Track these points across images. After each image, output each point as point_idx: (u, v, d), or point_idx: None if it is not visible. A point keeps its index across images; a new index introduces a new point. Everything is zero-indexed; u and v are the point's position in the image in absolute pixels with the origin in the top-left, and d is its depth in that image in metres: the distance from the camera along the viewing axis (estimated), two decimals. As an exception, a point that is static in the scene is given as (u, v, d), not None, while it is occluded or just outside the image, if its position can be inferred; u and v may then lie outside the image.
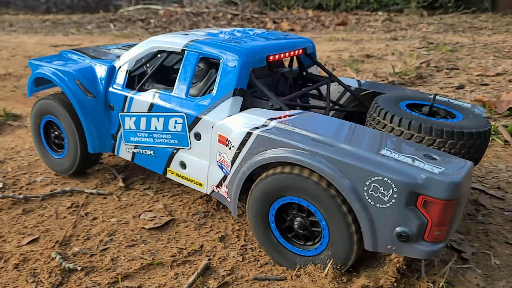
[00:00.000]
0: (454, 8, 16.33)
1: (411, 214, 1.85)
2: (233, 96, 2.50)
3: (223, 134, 2.43)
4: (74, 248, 2.55)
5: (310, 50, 3.13)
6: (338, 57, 8.18)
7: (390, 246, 1.94)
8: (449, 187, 1.77)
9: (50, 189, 3.24)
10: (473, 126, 2.24)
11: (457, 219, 2.02)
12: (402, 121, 2.20)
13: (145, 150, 2.94)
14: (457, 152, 2.17)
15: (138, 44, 3.09)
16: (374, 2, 17.55)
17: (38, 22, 13.93)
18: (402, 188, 1.82)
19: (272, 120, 2.29)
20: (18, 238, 2.66)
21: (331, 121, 2.40)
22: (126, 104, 2.94)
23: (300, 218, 2.20)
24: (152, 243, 2.61)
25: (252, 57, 2.57)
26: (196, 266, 2.40)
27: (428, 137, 2.15)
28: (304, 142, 2.08)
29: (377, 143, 2.06)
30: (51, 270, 2.34)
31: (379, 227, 1.93)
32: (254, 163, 2.23)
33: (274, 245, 2.33)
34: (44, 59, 3.42)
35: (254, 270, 2.37)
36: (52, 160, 3.44)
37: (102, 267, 2.39)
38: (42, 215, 2.92)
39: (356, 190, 1.92)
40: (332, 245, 2.11)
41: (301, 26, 13.39)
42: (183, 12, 14.13)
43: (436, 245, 1.88)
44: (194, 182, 2.73)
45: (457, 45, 9.14)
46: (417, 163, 1.88)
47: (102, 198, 3.13)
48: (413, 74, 6.44)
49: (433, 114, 2.45)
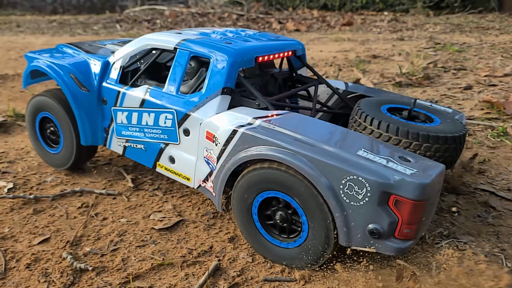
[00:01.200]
0: (461, 8, 16.22)
1: (383, 212, 1.95)
2: (221, 95, 2.59)
3: (211, 131, 2.52)
4: (85, 248, 2.57)
5: (300, 52, 3.20)
6: (344, 57, 8.16)
7: (362, 242, 2.05)
8: (419, 188, 1.87)
9: (60, 189, 3.27)
10: (448, 131, 2.34)
11: (428, 218, 2.11)
12: (381, 124, 2.31)
13: (136, 144, 3.02)
14: (432, 155, 2.27)
15: (133, 41, 3.16)
16: (380, 2, 17.48)
17: (45, 22, 14.03)
18: (375, 188, 1.92)
19: (257, 119, 2.39)
20: (29, 238, 2.68)
21: (313, 122, 2.47)
22: (118, 99, 3.02)
23: (281, 212, 2.30)
24: (162, 244, 2.62)
25: (241, 58, 2.66)
26: (206, 266, 2.41)
27: (405, 140, 2.25)
28: (286, 141, 2.17)
29: (355, 144, 2.16)
30: (62, 270, 2.36)
31: (353, 223, 2.03)
32: (239, 160, 2.32)
33: (257, 237, 2.43)
34: (40, 52, 3.50)
35: (264, 271, 2.37)
36: (48, 156, 3.52)
37: (113, 267, 2.41)
38: (52, 215, 2.94)
39: (333, 188, 2.02)
40: (310, 239, 2.21)
41: (307, 27, 13.37)
42: (188, 12, 14.16)
43: (405, 242, 2.00)
44: (182, 176, 2.82)
45: (464, 45, 9.09)
46: (391, 164, 1.98)
47: (111, 199, 3.15)
48: (421, 75, 6.41)
49: (413, 118, 2.56)
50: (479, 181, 3.34)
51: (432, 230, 2.72)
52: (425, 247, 2.54)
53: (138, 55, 3.13)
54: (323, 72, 7.04)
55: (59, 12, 19.08)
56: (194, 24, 13.08)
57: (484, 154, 3.87)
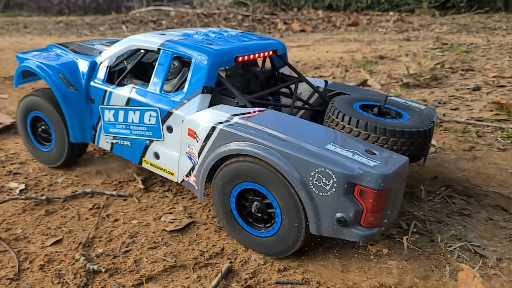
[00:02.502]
0: (467, 8, 16.12)
1: (349, 202, 2.09)
2: (202, 93, 2.72)
3: (192, 128, 2.65)
4: (97, 250, 2.58)
5: (281, 52, 3.31)
6: (351, 58, 8.14)
7: (331, 230, 2.17)
8: (381, 179, 2.01)
9: (71, 190, 3.29)
10: (414, 126, 2.48)
11: (394, 207, 2.23)
12: (351, 120, 2.47)
13: (122, 141, 3.15)
14: (399, 149, 2.42)
15: (119, 41, 3.28)
16: (385, 2, 17.41)
17: (52, 23, 14.12)
18: (341, 179, 2.06)
19: (234, 116, 2.53)
20: (42, 239, 2.70)
21: (288, 118, 2.60)
22: (105, 98, 3.14)
23: (257, 203, 2.43)
24: (174, 245, 2.63)
25: (220, 58, 2.78)
26: (218, 269, 2.41)
27: (373, 134, 2.41)
28: (260, 137, 2.31)
29: (325, 139, 2.31)
30: (76, 271, 2.38)
31: (322, 213, 2.16)
32: (218, 155, 2.45)
33: (235, 226, 2.57)
34: (30, 53, 3.62)
35: (276, 273, 2.37)
36: (41, 153, 3.63)
37: (125, 269, 2.42)
38: (64, 216, 2.96)
39: (303, 180, 2.15)
40: (283, 228, 2.34)
41: (312, 27, 13.35)
42: (194, 13, 14.19)
43: (371, 229, 2.13)
44: (166, 171, 2.94)
45: (472, 45, 9.03)
46: (356, 157, 2.13)
47: (122, 200, 3.16)
48: (428, 76, 6.38)
49: (383, 114, 2.71)
50: (490, 183, 3.32)
51: (444, 233, 2.71)
52: (438, 250, 2.53)
53: (124, 56, 3.24)
54: (329, 73, 7.03)
55: (65, 13, 19.19)
56: (200, 24, 13.10)
57: (494, 156, 3.85)
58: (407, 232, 2.70)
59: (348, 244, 2.60)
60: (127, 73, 3.15)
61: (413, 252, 2.52)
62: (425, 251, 2.52)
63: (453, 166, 3.64)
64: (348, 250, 2.55)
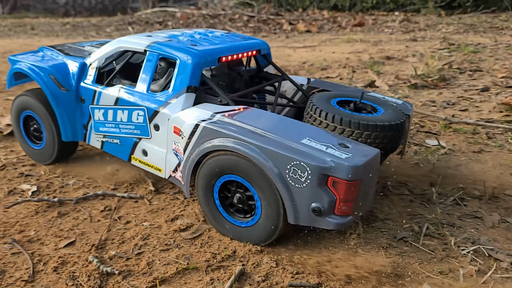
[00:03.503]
0: (473, 8, 16.00)
1: (323, 192, 2.22)
2: (186, 93, 2.84)
3: (177, 126, 2.76)
4: (110, 252, 2.60)
5: (265, 51, 3.44)
6: (357, 59, 8.11)
7: (307, 219, 2.30)
8: (352, 170, 2.14)
9: (82, 192, 3.31)
10: (387, 120, 2.61)
11: (366, 197, 2.34)
12: (327, 116, 2.59)
13: (112, 139, 3.27)
14: (372, 142, 2.53)
15: (108, 43, 3.40)
16: (391, 2, 17.32)
17: (59, 25, 14.20)
18: (315, 171, 2.18)
19: (217, 114, 2.65)
20: (55, 241, 2.72)
21: (267, 115, 2.76)
22: (95, 98, 3.26)
23: (239, 194, 2.56)
24: (186, 248, 2.64)
25: (204, 59, 2.90)
26: (230, 271, 2.42)
27: (348, 128, 2.53)
28: (241, 133, 2.43)
29: (302, 134, 2.42)
30: (89, 274, 2.39)
31: (298, 203, 2.29)
32: (201, 151, 2.58)
33: (218, 217, 2.69)
34: (22, 55, 3.74)
35: (288, 276, 2.37)
36: (33, 151, 3.76)
37: (138, 271, 2.43)
38: (76, 218, 2.97)
39: (280, 173, 2.29)
40: (263, 218, 2.48)
41: (318, 27, 13.32)
42: (199, 14, 14.21)
43: (344, 218, 2.27)
44: (154, 168, 3.07)
45: (479, 46, 8.97)
46: (329, 150, 2.26)
47: (133, 202, 3.18)
48: (436, 76, 6.35)
49: (359, 109, 2.83)
50: (502, 185, 3.30)
51: (456, 235, 2.70)
52: (451, 253, 2.52)
53: (112, 57, 3.35)
54: (336, 74, 7.02)
55: (71, 15, 19.30)
56: (205, 25, 13.13)
57: (505, 158, 3.82)
58: (419, 235, 2.69)
59: (359, 249, 2.59)
60: (115, 74, 3.26)
61: (425, 255, 2.51)
62: (438, 254, 2.51)
63: (463, 168, 3.62)
64: (360, 254, 2.54)
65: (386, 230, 2.77)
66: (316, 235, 2.71)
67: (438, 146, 4.06)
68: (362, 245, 2.61)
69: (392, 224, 2.83)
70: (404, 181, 3.42)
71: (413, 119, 4.86)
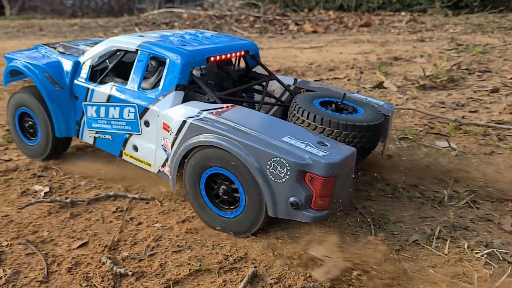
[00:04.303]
0: (480, 8, 15.88)
1: (301, 187, 2.34)
2: (175, 91, 2.95)
3: (166, 122, 2.87)
4: (123, 253, 2.61)
5: (253, 52, 3.56)
6: (365, 59, 8.09)
7: (286, 212, 2.43)
8: (328, 167, 2.27)
9: (94, 193, 3.33)
10: (365, 120, 2.74)
11: (342, 193, 2.47)
12: (309, 115, 2.73)
13: (104, 135, 3.37)
14: (351, 141, 2.67)
15: (101, 42, 3.52)
16: (397, 2, 17.24)
17: (66, 26, 14.31)
18: (293, 167, 2.31)
19: (204, 111, 2.76)
20: (68, 241, 2.74)
21: (252, 114, 2.86)
22: (88, 95, 3.37)
23: (224, 186, 2.68)
24: (198, 249, 2.65)
25: (193, 58, 3.02)
26: (243, 273, 2.42)
27: (328, 128, 2.67)
28: (225, 130, 2.55)
29: (283, 132, 2.54)
30: (103, 275, 2.41)
31: (277, 197, 2.42)
32: (188, 146, 2.69)
33: (204, 208, 2.82)
34: (18, 53, 3.86)
35: (301, 278, 2.37)
36: (27, 147, 3.86)
37: (151, 272, 2.44)
38: (89, 219, 3.00)
39: (261, 168, 2.41)
40: (246, 210, 2.60)
41: (324, 28, 13.30)
42: (206, 15, 14.24)
43: (320, 212, 2.39)
44: (144, 162, 3.18)
45: (488, 46, 8.90)
46: (308, 148, 2.38)
47: (144, 203, 3.19)
48: (445, 77, 6.31)
49: (341, 110, 2.96)
50: (514, 188, 3.28)
51: (469, 239, 2.68)
52: (465, 256, 2.51)
53: (105, 56, 3.45)
54: (344, 75, 7.00)
55: (78, 15, 19.43)
56: (212, 26, 13.16)
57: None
58: (432, 237, 2.68)
59: (372, 254, 2.59)
60: (108, 72, 3.36)
61: (439, 259, 2.50)
62: (452, 257, 2.50)
63: (475, 170, 3.60)
64: (371, 256, 2.54)
65: (398, 233, 2.76)
66: (327, 238, 2.71)
67: (449, 148, 4.04)
68: (374, 248, 2.60)
69: (404, 227, 2.82)
70: (414, 183, 3.41)
71: (422, 121, 4.85)
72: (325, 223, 2.85)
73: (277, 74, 7.18)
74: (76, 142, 4.16)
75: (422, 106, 5.34)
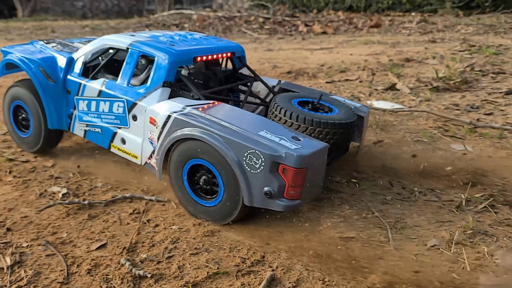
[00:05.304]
0: (492, 8, 15.69)
1: (274, 178, 2.52)
2: (162, 87, 3.14)
3: (153, 116, 3.04)
4: (141, 255, 2.63)
5: (239, 54, 3.76)
6: (376, 61, 8.04)
7: (261, 201, 2.60)
8: (299, 159, 2.46)
9: (111, 195, 3.36)
10: (338, 118, 2.95)
11: (313, 184, 2.65)
12: (286, 113, 2.94)
13: (94, 128, 3.53)
14: (324, 138, 2.88)
15: (94, 40, 3.70)
16: (407, 3, 17.12)
17: (78, 28, 14.47)
18: (267, 159, 2.49)
19: (188, 107, 2.93)
20: (87, 243, 2.77)
21: (233, 110, 3.04)
22: (80, 90, 3.54)
23: (205, 177, 2.85)
24: (215, 252, 2.66)
25: (179, 58, 3.20)
26: (260, 276, 2.43)
27: (303, 125, 2.88)
28: (207, 124, 2.73)
29: (260, 127, 2.73)
30: (122, 277, 2.43)
31: (253, 187, 2.59)
32: (172, 139, 2.87)
33: (186, 197, 2.99)
34: (14, 47, 4.04)
35: (319, 283, 2.37)
36: (20, 139, 4.03)
37: (170, 275, 2.46)
38: (106, 220, 3.03)
39: (238, 160, 2.59)
40: (225, 199, 2.77)
41: (334, 29, 13.26)
42: (215, 16, 14.29)
43: (292, 201, 2.58)
44: (131, 155, 3.34)
45: (501, 47, 8.79)
46: (282, 141, 2.57)
47: (161, 205, 3.21)
48: (458, 79, 6.25)
49: (317, 109, 3.17)
50: (533, 192, 3.23)
51: (489, 244, 2.66)
52: (484, 262, 2.48)
53: (97, 53, 3.64)
54: (356, 76, 6.97)
55: (88, 17, 19.63)
56: (222, 28, 13.20)
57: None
58: (451, 242, 2.66)
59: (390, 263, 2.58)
60: (100, 69, 3.52)
61: (458, 264, 2.48)
62: (471, 263, 2.48)
63: (492, 174, 3.56)
64: (389, 261, 2.53)
65: (416, 238, 2.74)
66: (346, 242, 2.71)
67: (465, 151, 4.00)
68: (392, 253, 2.59)
69: (422, 231, 2.80)
70: (431, 187, 3.38)
71: (437, 123, 4.81)
72: (345, 228, 2.85)
73: (288, 76, 7.18)
74: (91, 144, 4.21)
75: (435, 109, 5.29)
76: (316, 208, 3.11)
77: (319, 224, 2.91)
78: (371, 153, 4.03)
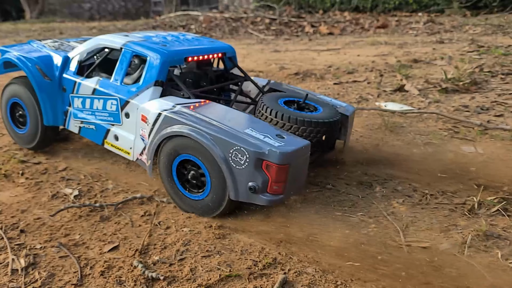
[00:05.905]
0: (500, 8, 15.55)
1: (258, 173, 2.64)
2: (154, 86, 3.25)
3: (144, 114, 3.16)
4: (153, 257, 2.65)
5: (230, 54, 3.86)
6: (384, 62, 8.01)
7: (245, 196, 2.72)
8: (281, 156, 2.58)
9: (122, 197, 3.38)
10: (321, 117, 3.05)
11: (296, 180, 2.76)
12: (272, 112, 3.05)
13: (88, 125, 3.65)
14: (307, 136, 2.97)
15: (89, 40, 3.82)
16: (414, 3, 17.02)
17: (86, 29, 14.58)
18: (252, 155, 2.61)
19: (178, 105, 3.04)
20: (99, 245, 2.79)
21: (221, 108, 3.16)
22: (75, 88, 3.66)
23: (193, 171, 2.96)
24: (226, 254, 2.67)
25: (171, 57, 3.31)
26: (273, 279, 2.43)
27: (287, 123, 2.99)
28: (195, 122, 2.84)
29: (246, 125, 2.84)
30: (135, 279, 2.44)
31: (238, 182, 2.71)
32: (162, 136, 2.99)
33: (175, 191, 3.10)
34: (12, 47, 4.19)
35: (332, 286, 2.37)
36: (17, 136, 4.16)
37: (182, 277, 2.47)
38: (118, 222, 3.05)
39: (224, 156, 2.70)
40: (211, 193, 2.89)
41: (340, 30, 13.23)
42: (222, 17, 14.32)
43: (276, 196, 2.71)
44: (123, 151, 3.46)
45: (510, 48, 8.71)
46: (266, 139, 2.68)
47: (172, 207, 3.23)
48: (467, 80, 6.20)
49: (302, 108, 3.27)
50: (546, 195, 3.20)
51: (502, 248, 2.63)
52: (499, 266, 2.46)
53: (92, 52, 3.77)
54: (364, 78, 6.95)
55: (95, 18, 19.76)
56: (228, 29, 13.23)
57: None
58: (464, 246, 2.64)
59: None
60: (94, 67, 3.63)
61: (471, 268, 2.47)
62: (486, 267, 2.46)
63: (504, 176, 3.53)
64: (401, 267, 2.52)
65: (428, 241, 2.73)
66: (357, 245, 2.70)
67: (475, 153, 3.97)
68: (405, 256, 2.58)
69: (435, 235, 2.79)
70: (442, 189, 3.36)
71: (446, 125, 4.78)
72: (356, 231, 2.84)
73: (296, 77, 7.18)
74: (101, 147, 4.23)
75: (445, 110, 5.26)
76: (326, 210, 3.11)
77: (329, 226, 2.90)
78: (380, 155, 4.01)
